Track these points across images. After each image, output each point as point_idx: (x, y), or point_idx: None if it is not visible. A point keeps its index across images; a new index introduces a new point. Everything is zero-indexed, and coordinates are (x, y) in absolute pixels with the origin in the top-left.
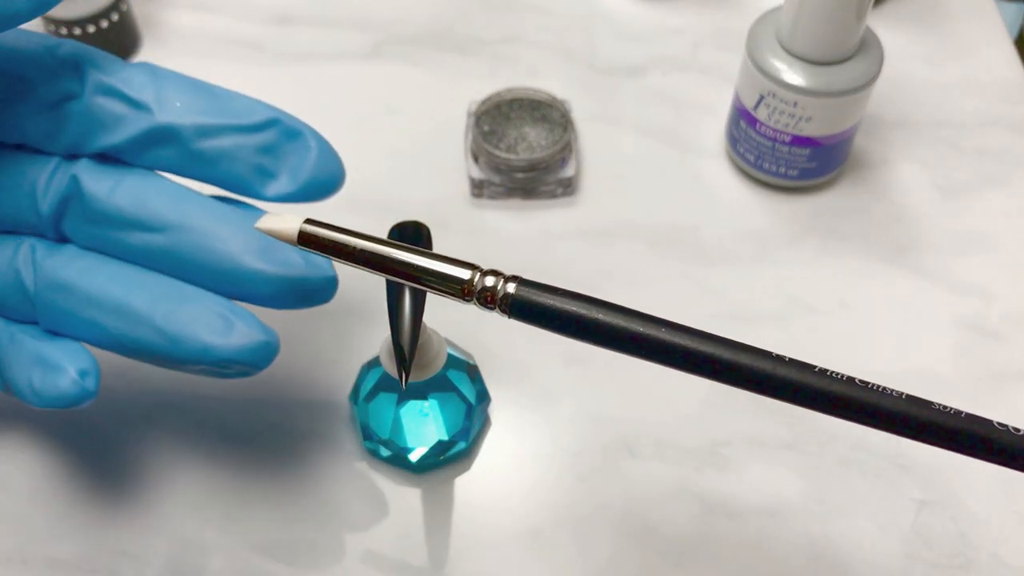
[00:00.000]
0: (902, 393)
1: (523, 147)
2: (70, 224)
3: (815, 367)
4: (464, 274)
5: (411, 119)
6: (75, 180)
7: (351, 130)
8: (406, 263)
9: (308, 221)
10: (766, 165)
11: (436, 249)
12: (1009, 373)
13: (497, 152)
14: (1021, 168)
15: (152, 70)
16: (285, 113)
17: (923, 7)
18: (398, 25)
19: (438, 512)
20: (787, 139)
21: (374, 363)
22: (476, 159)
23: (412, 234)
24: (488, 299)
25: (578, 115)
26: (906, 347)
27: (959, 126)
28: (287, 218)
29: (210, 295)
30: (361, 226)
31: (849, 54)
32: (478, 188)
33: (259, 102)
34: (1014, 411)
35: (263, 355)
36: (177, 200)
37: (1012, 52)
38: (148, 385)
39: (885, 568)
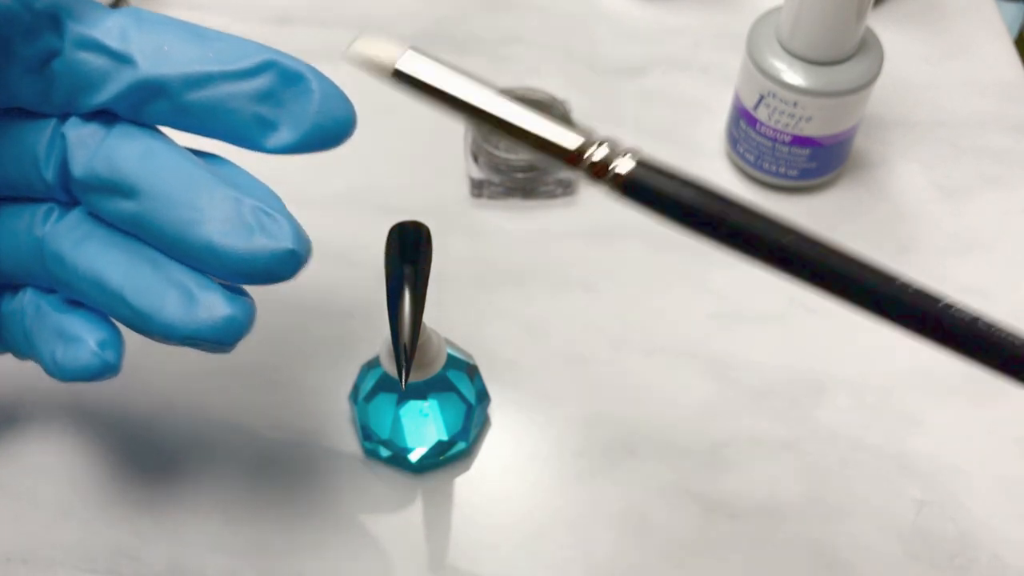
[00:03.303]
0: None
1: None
2: (74, 188)
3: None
4: (572, 142)
5: (411, 119)
6: (64, 141)
7: None
8: (508, 124)
9: (414, 49)
10: (766, 165)
11: (436, 250)
12: None
13: (497, 152)
14: (1021, 168)
15: (137, 16)
16: (283, 54)
17: (923, 7)
18: (398, 25)
19: (438, 512)
20: (787, 139)
21: (374, 363)
22: (476, 159)
23: (412, 234)
24: (598, 172)
25: (578, 115)
26: (906, 347)
27: (959, 126)
28: (385, 47)
29: (181, 267)
30: (361, 227)
31: (849, 54)
32: (478, 188)
33: (253, 43)
34: (1014, 411)
35: (226, 332)
36: (146, 162)
37: (1012, 52)
38: (147, 385)
39: (885, 568)
